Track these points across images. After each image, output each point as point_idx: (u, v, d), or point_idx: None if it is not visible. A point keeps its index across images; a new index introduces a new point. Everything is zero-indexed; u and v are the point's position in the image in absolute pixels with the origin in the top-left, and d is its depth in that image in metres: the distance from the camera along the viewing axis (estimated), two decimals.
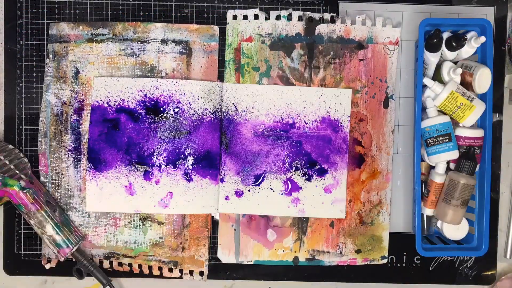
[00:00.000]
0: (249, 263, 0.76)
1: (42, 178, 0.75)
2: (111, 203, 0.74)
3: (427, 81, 0.70)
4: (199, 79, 0.74)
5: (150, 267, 0.76)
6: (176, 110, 0.74)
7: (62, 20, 0.76)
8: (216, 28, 0.75)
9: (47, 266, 0.76)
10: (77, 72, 0.75)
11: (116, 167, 0.74)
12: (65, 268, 0.76)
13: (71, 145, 0.75)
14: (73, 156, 0.75)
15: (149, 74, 0.74)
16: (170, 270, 0.76)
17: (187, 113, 0.74)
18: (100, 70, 0.74)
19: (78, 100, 0.75)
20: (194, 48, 0.75)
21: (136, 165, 0.74)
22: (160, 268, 0.76)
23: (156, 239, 0.76)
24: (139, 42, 0.74)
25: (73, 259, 0.73)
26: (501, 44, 0.77)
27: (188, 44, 0.75)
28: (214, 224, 0.77)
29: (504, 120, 0.77)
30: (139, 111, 0.74)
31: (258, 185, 0.75)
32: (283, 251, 0.76)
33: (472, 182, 0.70)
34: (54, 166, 0.75)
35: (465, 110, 0.70)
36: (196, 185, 0.74)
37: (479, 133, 0.72)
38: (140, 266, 0.76)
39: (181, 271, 0.76)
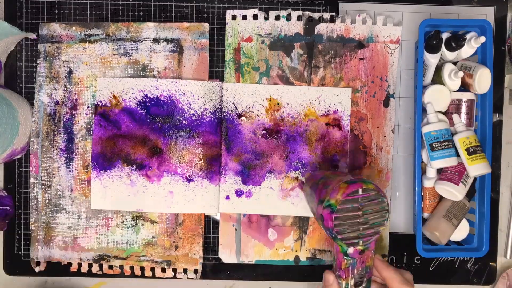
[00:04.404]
0: (250, 262, 0.76)
1: (32, 179, 0.75)
2: (115, 202, 0.74)
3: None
4: (191, 76, 0.75)
5: (142, 268, 0.76)
6: (176, 110, 0.74)
7: (62, 21, 0.76)
8: (206, 25, 0.75)
9: (37, 269, 0.76)
10: (70, 72, 0.75)
11: (118, 166, 0.74)
12: (65, 268, 0.76)
13: (63, 145, 0.75)
14: (65, 155, 0.75)
15: (141, 72, 0.75)
16: (163, 270, 0.76)
17: (187, 113, 0.74)
18: (93, 69, 0.75)
19: (71, 100, 0.75)
20: (185, 46, 0.75)
21: (137, 164, 0.74)
22: (152, 269, 0.76)
23: (149, 238, 0.75)
24: (132, 42, 0.75)
25: None
26: (501, 44, 0.77)
27: (179, 42, 0.75)
28: (214, 224, 0.77)
29: (504, 120, 0.77)
30: (140, 111, 0.74)
31: (259, 184, 0.75)
32: (284, 250, 0.76)
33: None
34: (45, 166, 0.75)
35: None
36: (197, 185, 0.74)
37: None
38: (131, 268, 0.76)
39: (174, 270, 0.76)
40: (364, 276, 0.63)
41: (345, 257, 0.61)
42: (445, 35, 0.71)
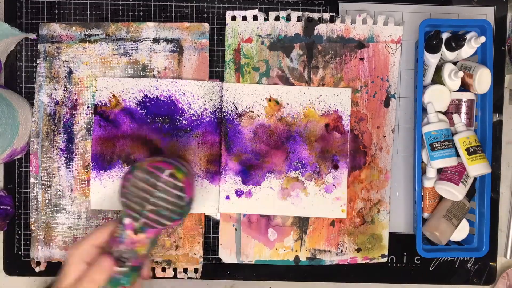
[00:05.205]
0: (250, 262, 0.76)
1: (32, 179, 0.75)
2: (115, 202, 0.74)
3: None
4: (191, 76, 0.75)
5: None
6: (176, 110, 0.74)
7: (62, 21, 0.76)
8: (206, 25, 0.75)
9: (37, 270, 0.76)
10: (70, 72, 0.75)
11: (118, 166, 0.74)
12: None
13: (63, 145, 0.75)
14: (65, 156, 0.75)
15: (141, 73, 0.75)
16: (163, 269, 0.76)
17: (187, 113, 0.74)
18: (93, 69, 0.75)
19: (71, 100, 0.75)
20: (185, 46, 0.75)
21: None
22: (152, 269, 0.76)
23: None
24: (132, 42, 0.75)
25: None
26: (501, 44, 0.77)
27: (179, 42, 0.75)
28: (214, 224, 0.77)
29: (504, 120, 0.77)
30: (139, 111, 0.74)
31: (259, 184, 0.75)
32: (284, 250, 0.76)
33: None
34: (45, 166, 0.75)
35: None
36: (197, 185, 0.74)
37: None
38: None
39: (175, 270, 0.76)
40: (129, 260, 0.58)
41: (119, 224, 0.59)
42: (445, 35, 0.71)
